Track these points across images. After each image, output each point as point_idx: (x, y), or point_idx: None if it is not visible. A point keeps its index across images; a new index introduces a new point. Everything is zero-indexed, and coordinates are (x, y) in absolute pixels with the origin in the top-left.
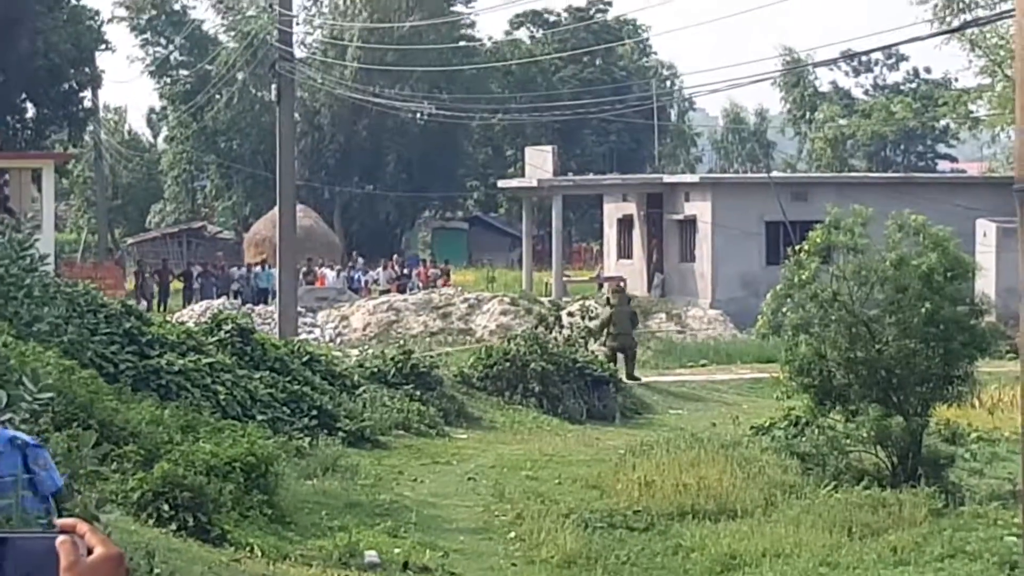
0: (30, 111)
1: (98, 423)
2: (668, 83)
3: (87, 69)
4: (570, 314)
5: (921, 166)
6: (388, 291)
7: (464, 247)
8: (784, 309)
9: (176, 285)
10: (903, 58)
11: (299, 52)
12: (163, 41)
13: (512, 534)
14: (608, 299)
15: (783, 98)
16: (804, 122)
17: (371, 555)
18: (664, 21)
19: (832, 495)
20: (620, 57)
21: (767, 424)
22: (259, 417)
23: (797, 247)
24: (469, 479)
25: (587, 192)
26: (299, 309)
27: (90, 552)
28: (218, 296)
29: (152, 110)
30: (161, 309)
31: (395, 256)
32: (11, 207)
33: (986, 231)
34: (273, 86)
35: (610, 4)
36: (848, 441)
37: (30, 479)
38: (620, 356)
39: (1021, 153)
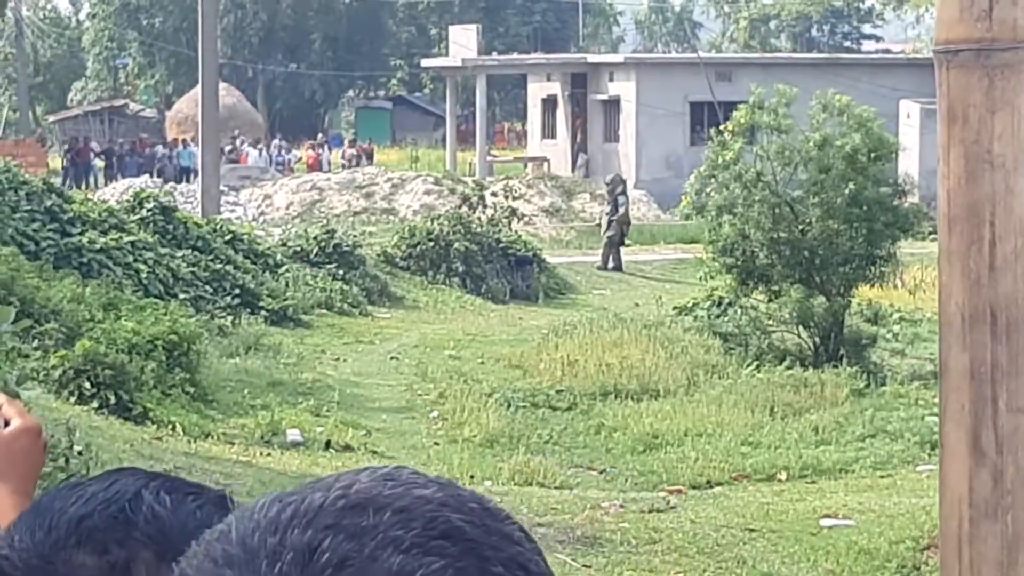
0: None
1: (19, 300)
2: None
3: None
4: (494, 194)
5: (847, 46)
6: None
7: (388, 126)
8: (708, 190)
9: (99, 164)
10: None
11: None
12: None
13: (434, 413)
14: (621, 190)
15: None
16: (725, 2)
17: (293, 434)
18: None
19: (754, 375)
20: None
21: (690, 304)
22: (181, 296)
23: (721, 127)
24: (392, 359)
25: (511, 72)
26: (222, 188)
27: (7, 424)
28: (140, 174)
29: None
30: (83, 188)
31: (319, 135)
32: None
33: (910, 112)
34: None
35: None
36: (770, 321)
37: None
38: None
39: (941, 12)
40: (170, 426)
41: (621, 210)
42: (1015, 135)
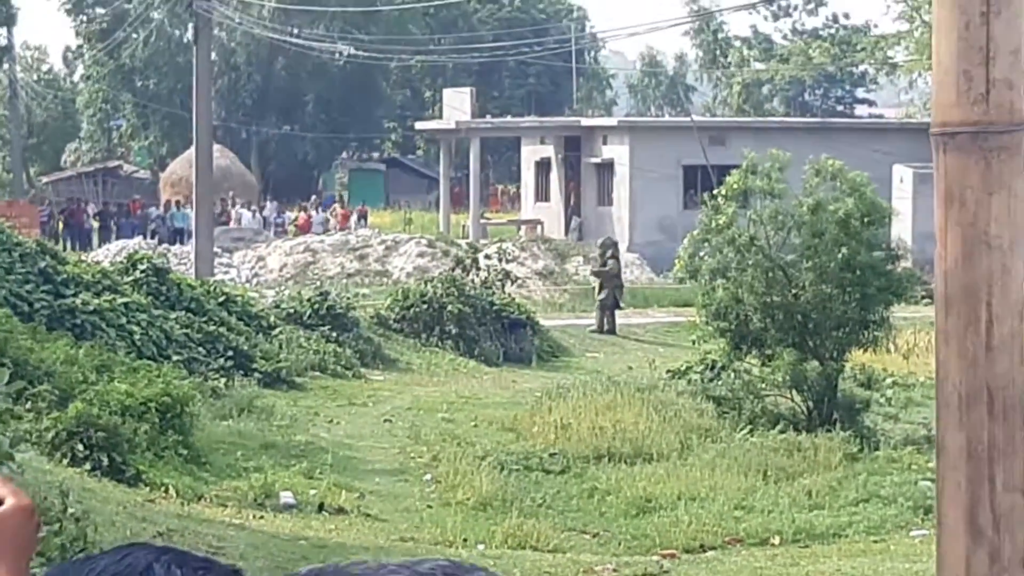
0: None
1: (12, 362)
2: (584, 26)
3: (2, 7)
4: (487, 257)
5: (840, 111)
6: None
7: (381, 189)
8: (701, 253)
9: (94, 224)
10: (822, 3)
11: None
12: None
13: (428, 476)
14: (611, 252)
15: (693, 44)
16: (716, 67)
17: (286, 496)
18: None
19: (748, 439)
20: None
21: (683, 368)
22: (175, 357)
23: (714, 191)
24: (385, 421)
25: (505, 135)
26: (215, 249)
27: (0, 503)
28: (134, 235)
29: (68, 48)
30: (75, 250)
31: (312, 197)
32: None
33: (903, 177)
34: (190, 25)
35: None
36: (764, 385)
37: None
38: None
39: (938, 95)
40: (163, 488)
41: (609, 263)
42: (1012, 217)
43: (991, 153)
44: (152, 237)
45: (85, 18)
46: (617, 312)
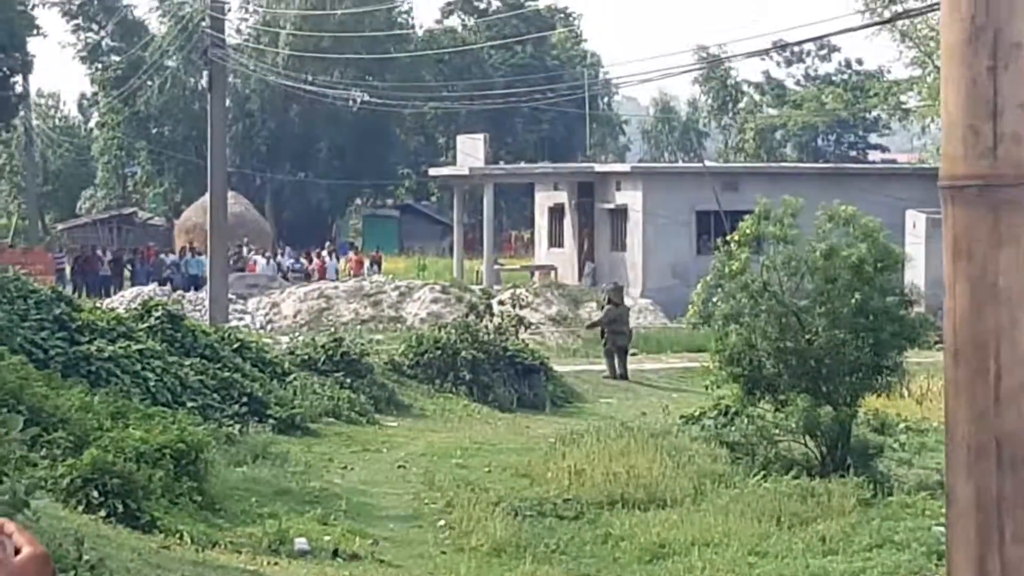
0: None
1: (27, 409)
2: (596, 72)
3: (18, 55)
4: (501, 302)
5: (853, 156)
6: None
7: (395, 235)
8: (714, 299)
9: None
10: (835, 49)
11: (234, 38)
12: (95, 27)
13: (442, 522)
14: (609, 299)
15: (702, 91)
16: (726, 114)
17: (301, 542)
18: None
19: (761, 484)
20: (552, 46)
21: (697, 413)
22: (189, 404)
23: (727, 237)
24: (399, 467)
25: (518, 181)
26: (230, 296)
27: (17, 552)
28: (149, 282)
29: (84, 96)
30: (88, 296)
31: (327, 243)
32: None
33: (916, 222)
34: (205, 73)
35: None
36: (777, 431)
37: None
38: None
39: (946, 148)
40: (178, 535)
41: (606, 308)
42: (1020, 270)
43: (999, 207)
44: (167, 284)
45: (100, 65)
46: (629, 357)
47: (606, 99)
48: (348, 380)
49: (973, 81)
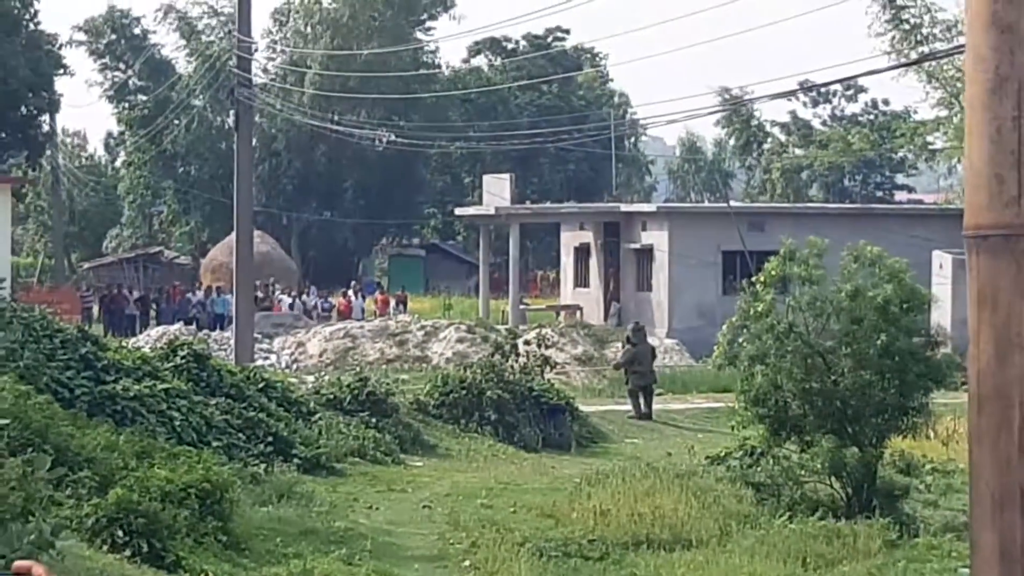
0: None
1: (53, 448)
2: (624, 112)
3: (45, 93)
4: (526, 342)
5: (879, 196)
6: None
7: (421, 274)
8: (740, 339)
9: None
10: (862, 90)
11: (261, 78)
12: (122, 66)
13: (467, 562)
14: (629, 338)
15: (725, 132)
16: (750, 155)
17: None
18: (624, 50)
19: (787, 526)
20: (579, 86)
21: (722, 454)
22: (214, 443)
23: (753, 278)
24: (424, 507)
25: (544, 220)
26: (255, 335)
27: None
28: (175, 321)
29: (110, 135)
30: (115, 335)
31: (352, 283)
32: None
33: (942, 263)
34: (231, 112)
35: (568, 32)
36: (803, 472)
37: None
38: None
39: (971, 197)
40: (203, 575)
41: (626, 348)
42: None
43: (1023, 256)
44: (192, 323)
45: (127, 105)
46: (655, 397)
47: (632, 139)
48: (373, 420)
49: (998, 130)
